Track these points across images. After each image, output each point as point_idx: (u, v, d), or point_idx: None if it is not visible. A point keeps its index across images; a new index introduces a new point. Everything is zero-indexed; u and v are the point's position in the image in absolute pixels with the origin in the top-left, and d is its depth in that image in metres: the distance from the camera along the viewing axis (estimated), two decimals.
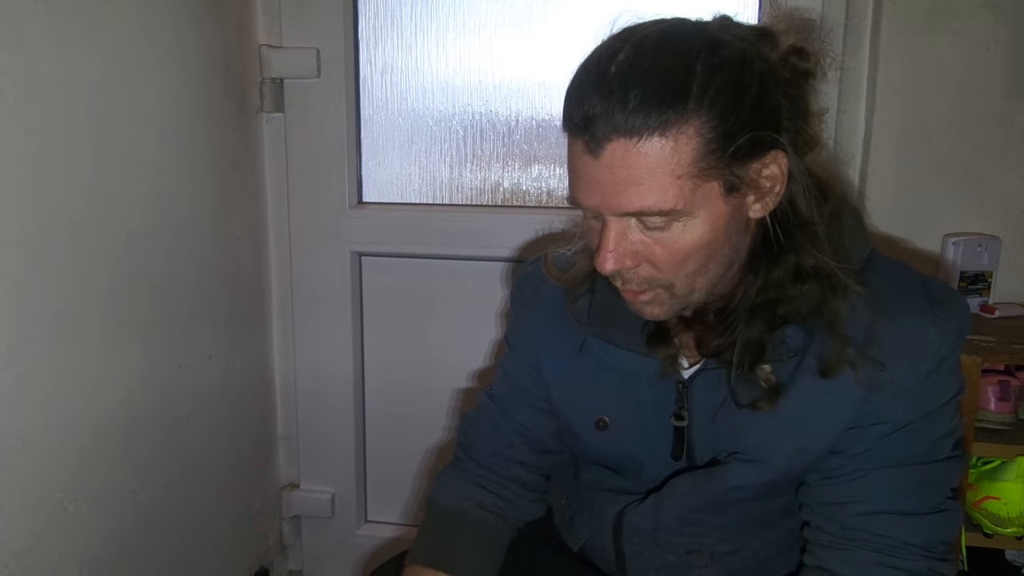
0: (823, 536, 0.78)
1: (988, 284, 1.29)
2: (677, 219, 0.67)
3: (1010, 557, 1.15)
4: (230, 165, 1.42)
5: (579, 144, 0.67)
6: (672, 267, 0.70)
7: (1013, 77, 1.26)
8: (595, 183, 0.67)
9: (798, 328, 0.75)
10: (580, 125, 0.66)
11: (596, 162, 0.66)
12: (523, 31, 1.45)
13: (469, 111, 1.49)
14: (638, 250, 0.70)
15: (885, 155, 1.32)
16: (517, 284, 0.96)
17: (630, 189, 0.66)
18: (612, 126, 0.64)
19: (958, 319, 0.75)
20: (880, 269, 0.77)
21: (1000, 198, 1.30)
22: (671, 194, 0.65)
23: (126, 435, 1.18)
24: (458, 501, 0.94)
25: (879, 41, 1.29)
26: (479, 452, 0.97)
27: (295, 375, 1.62)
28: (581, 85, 0.67)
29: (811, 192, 0.72)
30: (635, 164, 0.65)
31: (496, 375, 1.00)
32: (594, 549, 0.95)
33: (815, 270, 0.72)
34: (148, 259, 1.20)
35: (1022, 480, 1.05)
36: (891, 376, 0.73)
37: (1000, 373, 1.12)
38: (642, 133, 0.64)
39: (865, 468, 0.76)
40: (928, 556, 0.74)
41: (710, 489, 0.82)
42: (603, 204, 0.68)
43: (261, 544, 1.62)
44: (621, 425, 0.85)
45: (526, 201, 1.51)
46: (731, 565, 0.86)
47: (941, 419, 0.75)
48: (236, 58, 1.41)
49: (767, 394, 0.75)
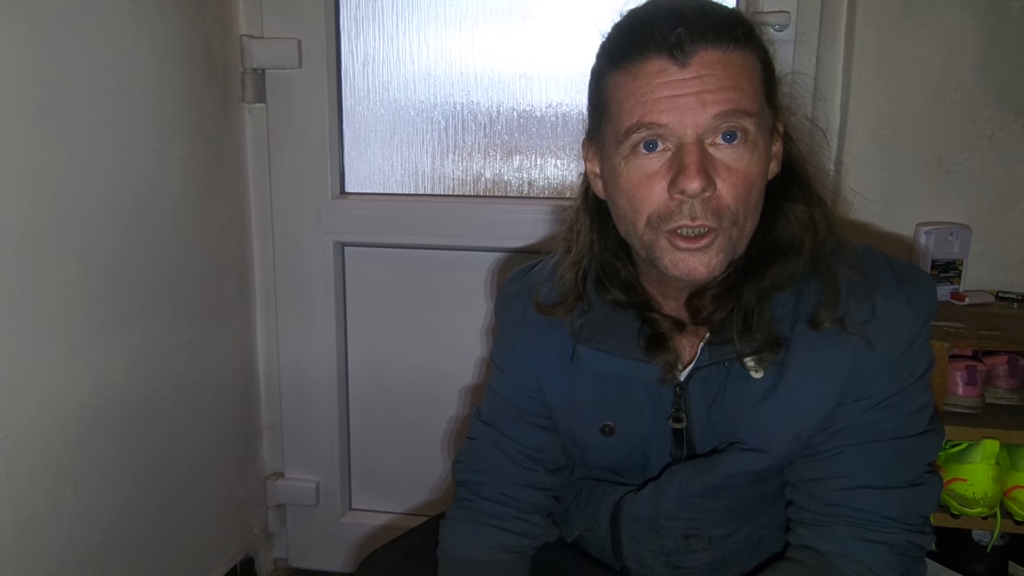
0: (805, 514, 0.80)
1: (959, 272, 1.32)
2: (752, 133, 0.70)
3: (977, 537, 1.18)
4: (212, 156, 1.42)
5: (655, 62, 0.70)
6: (742, 194, 0.71)
7: (984, 69, 1.29)
8: (680, 95, 0.69)
9: (787, 315, 0.76)
10: (661, 40, 0.69)
11: (683, 71, 0.69)
12: (504, 23, 1.46)
13: (451, 102, 1.50)
14: (713, 175, 0.70)
15: (860, 145, 1.34)
16: (501, 306, 0.95)
17: (721, 92, 0.69)
18: (700, 35, 0.69)
19: (927, 297, 0.78)
20: (850, 253, 0.79)
21: (971, 188, 1.33)
22: (754, 100, 0.71)
23: (109, 424, 1.18)
24: (480, 552, 0.90)
25: (854, 33, 1.31)
26: (491, 489, 0.93)
27: (279, 365, 1.63)
28: (643, 17, 0.72)
29: (803, 156, 0.79)
30: (724, 71, 0.69)
31: (487, 399, 0.98)
32: (590, 538, 0.96)
33: (809, 220, 0.76)
34: (130, 249, 1.20)
35: (988, 462, 1.08)
36: (875, 334, 0.75)
37: (968, 358, 1.15)
38: (729, 43, 0.69)
39: (845, 444, 0.78)
40: (906, 528, 0.76)
41: (710, 476, 0.83)
42: (687, 115, 0.69)
43: (246, 533, 1.63)
44: (626, 429, 0.86)
45: (508, 191, 1.52)
46: (727, 548, 0.88)
47: (915, 394, 0.78)
48: (217, 49, 1.41)
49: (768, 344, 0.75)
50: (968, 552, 1.20)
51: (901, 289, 0.76)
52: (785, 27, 1.31)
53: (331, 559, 1.69)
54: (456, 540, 0.92)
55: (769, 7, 1.32)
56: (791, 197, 0.78)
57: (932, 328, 1.08)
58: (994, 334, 1.10)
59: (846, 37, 1.33)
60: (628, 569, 0.93)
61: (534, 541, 0.93)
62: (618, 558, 0.93)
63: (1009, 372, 1.15)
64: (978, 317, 1.19)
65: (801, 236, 0.76)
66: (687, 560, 0.88)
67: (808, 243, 0.76)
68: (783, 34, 1.32)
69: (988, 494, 1.08)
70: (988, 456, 1.08)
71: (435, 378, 1.60)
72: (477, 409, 0.99)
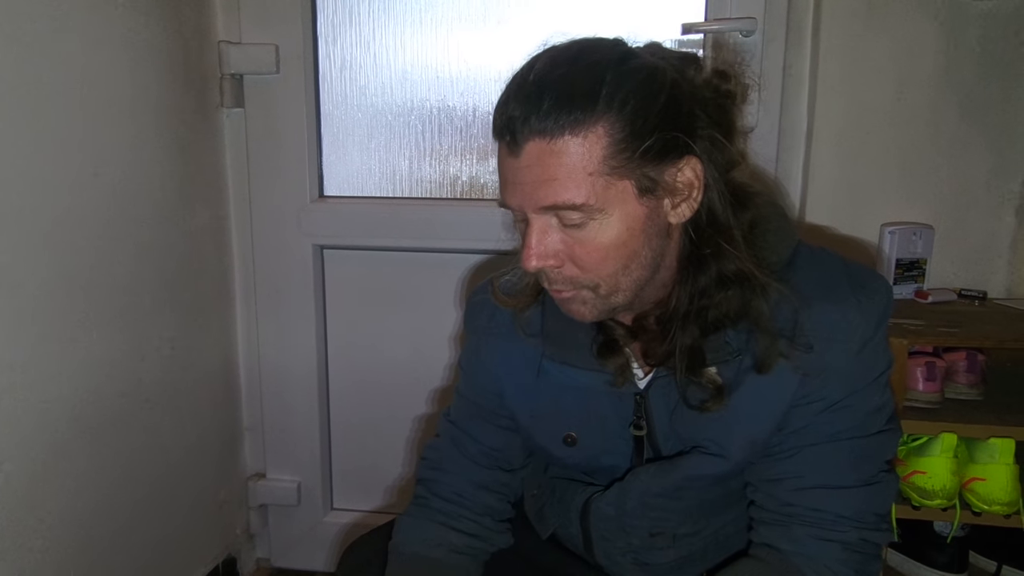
0: (764, 513, 0.82)
1: (923, 271, 1.35)
2: (592, 216, 0.71)
3: (938, 528, 1.21)
4: (191, 160, 1.43)
5: (503, 147, 0.73)
6: (592, 266, 0.74)
7: (944, 72, 1.32)
8: (517, 183, 0.72)
9: (739, 346, 0.78)
10: (503, 128, 0.71)
11: (517, 161, 0.71)
12: (479, 27, 1.48)
13: (427, 106, 1.52)
14: (560, 249, 0.74)
15: (826, 149, 1.37)
16: (469, 313, 0.98)
17: (546, 185, 0.70)
18: (528, 127, 0.69)
19: (879, 301, 0.79)
20: (805, 261, 0.81)
21: (933, 189, 1.36)
22: (584, 189, 0.70)
23: (88, 425, 1.19)
24: (427, 548, 0.92)
25: (819, 38, 1.34)
26: (446, 488, 0.96)
27: (259, 367, 1.64)
28: (505, 94, 0.73)
29: (727, 199, 0.76)
30: (550, 162, 0.70)
31: (454, 401, 1.01)
32: (563, 535, 0.99)
33: (736, 274, 0.76)
34: (109, 252, 1.22)
35: (947, 455, 1.10)
36: (821, 359, 0.77)
37: (928, 355, 1.18)
38: (555, 132, 0.69)
39: (800, 445, 0.80)
40: (859, 527, 0.78)
41: (670, 477, 0.85)
42: (524, 202, 0.73)
43: (228, 533, 1.65)
44: (588, 439, 0.89)
45: (484, 194, 1.55)
46: (692, 545, 0.90)
47: (871, 395, 0.79)
48: (195, 54, 1.42)
49: (713, 395, 0.79)
50: (930, 543, 1.23)
51: (853, 294, 0.78)
52: (752, 33, 1.34)
53: (313, 559, 1.71)
54: (406, 535, 0.94)
55: (736, 13, 1.35)
56: (710, 247, 0.76)
57: (892, 325, 1.13)
58: (953, 331, 1.13)
59: (812, 42, 1.36)
60: (600, 565, 0.95)
61: (485, 544, 0.95)
62: (590, 554, 0.95)
63: (968, 368, 1.18)
64: (939, 315, 1.23)
65: (727, 289, 0.76)
66: (654, 557, 0.91)
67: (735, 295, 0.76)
68: (750, 39, 1.35)
69: (947, 486, 1.11)
70: (947, 449, 1.11)
71: (414, 378, 1.62)
72: (446, 409, 1.02)
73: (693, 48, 1.39)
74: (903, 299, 1.32)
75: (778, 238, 0.80)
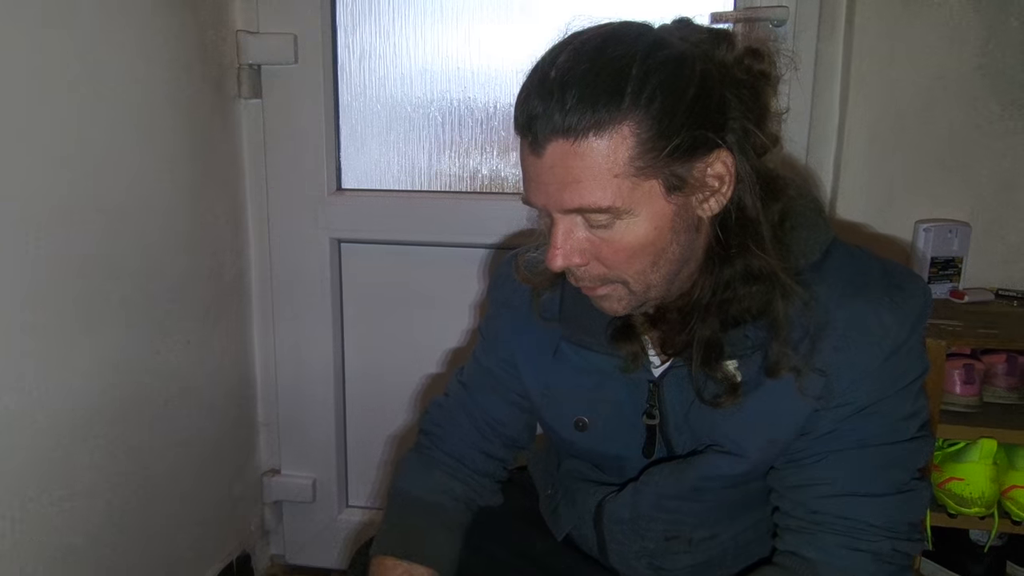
0: (791, 520, 0.79)
1: (958, 270, 1.31)
2: (619, 217, 0.69)
3: (974, 537, 1.17)
4: (208, 152, 1.42)
5: (525, 145, 0.70)
6: (620, 265, 0.72)
7: (984, 63, 1.27)
8: (540, 182, 0.70)
9: (759, 342, 0.75)
10: (524, 126, 0.69)
11: (540, 161, 0.68)
12: (501, 18, 1.45)
13: (447, 98, 1.49)
14: (586, 248, 0.72)
15: (859, 144, 1.33)
16: (493, 284, 0.97)
17: (571, 187, 0.68)
18: (551, 127, 0.66)
19: (916, 304, 0.76)
20: (840, 258, 0.78)
21: (970, 185, 1.32)
22: (609, 192, 0.67)
23: (104, 421, 1.18)
24: (431, 492, 0.94)
25: (852, 31, 1.30)
26: (449, 444, 0.97)
27: (275, 362, 1.63)
28: (526, 88, 0.69)
29: (758, 192, 0.72)
30: (574, 163, 0.67)
31: (469, 363, 1.00)
32: (578, 537, 0.96)
33: (761, 272, 0.73)
34: (126, 245, 1.20)
35: (985, 461, 1.07)
36: (849, 360, 0.74)
37: (966, 357, 1.14)
38: (578, 133, 0.66)
39: (828, 450, 0.77)
40: (891, 536, 0.75)
41: (685, 477, 0.83)
42: (548, 202, 0.70)
43: (243, 529, 1.64)
44: (599, 425, 0.87)
45: (504, 188, 1.52)
46: (710, 550, 0.88)
47: (903, 401, 0.76)
48: (213, 44, 1.40)
49: (728, 390, 0.76)
50: (966, 552, 1.19)
51: (887, 294, 0.75)
52: (784, 22, 1.30)
53: (327, 556, 1.69)
54: (410, 478, 0.97)
55: (767, 2, 1.31)
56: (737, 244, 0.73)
57: (929, 326, 1.08)
58: (992, 332, 1.09)
59: (845, 32, 1.32)
60: (615, 570, 0.93)
61: (478, 498, 0.98)
62: (604, 557, 0.93)
63: (1008, 371, 1.14)
64: (977, 315, 1.18)
65: (751, 286, 0.74)
66: (669, 562, 0.88)
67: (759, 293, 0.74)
68: (781, 29, 1.31)
69: (985, 494, 1.07)
70: (986, 455, 1.07)
71: (431, 375, 1.60)
72: (459, 369, 1.02)
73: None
74: (938, 299, 1.28)
75: (811, 234, 0.77)
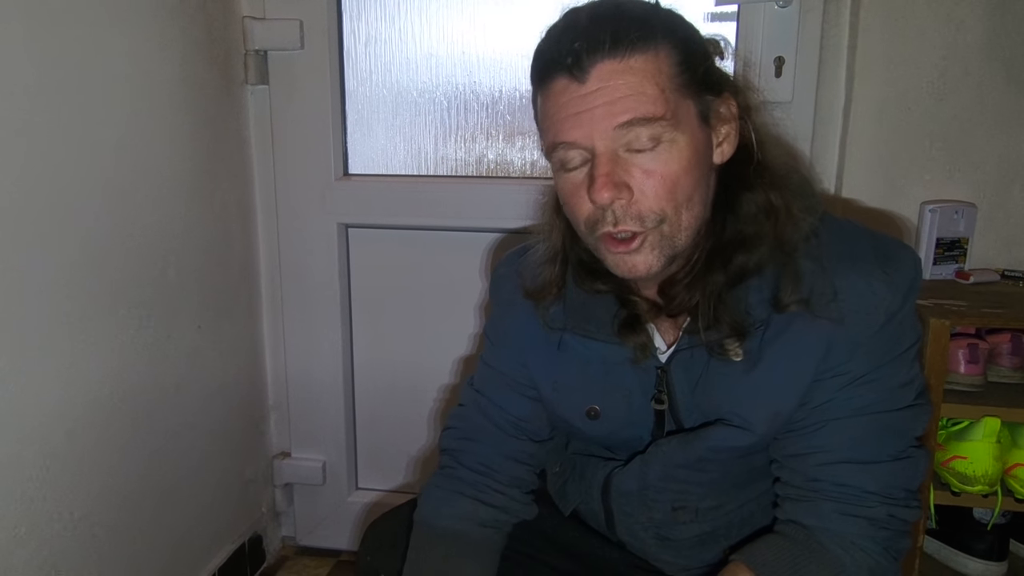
0: (790, 489, 0.81)
1: (964, 251, 1.31)
2: (666, 133, 0.71)
3: (978, 515, 1.18)
4: (216, 138, 1.43)
5: (560, 82, 0.72)
6: (664, 195, 0.73)
7: (990, 45, 1.27)
8: (584, 109, 0.71)
9: (761, 297, 0.77)
10: (561, 60, 0.71)
11: (583, 88, 0.71)
12: (507, 2, 1.45)
13: (453, 83, 1.50)
14: (628, 181, 0.73)
15: (865, 124, 1.33)
16: (494, 285, 0.98)
17: (621, 102, 0.70)
18: (597, 52, 0.70)
19: (907, 274, 0.77)
20: (830, 232, 0.79)
21: (976, 166, 1.32)
22: (660, 102, 0.71)
23: (118, 405, 1.20)
24: (456, 522, 0.91)
25: (859, 10, 1.29)
26: (473, 458, 0.95)
27: (284, 346, 1.64)
28: (552, 36, 0.74)
29: (759, 137, 0.78)
30: (623, 80, 0.70)
31: (479, 369, 1.00)
32: (585, 512, 0.98)
33: (768, 207, 0.76)
34: (135, 231, 1.21)
35: (989, 440, 1.07)
36: (845, 329, 0.76)
37: (970, 336, 1.14)
38: (624, 52, 0.70)
39: (825, 419, 0.78)
40: (887, 502, 0.76)
41: (693, 447, 0.84)
42: (594, 128, 0.71)
43: (254, 512, 1.66)
44: (611, 412, 0.88)
45: (510, 172, 1.52)
46: (716, 520, 0.89)
47: (898, 369, 0.78)
48: (219, 30, 1.41)
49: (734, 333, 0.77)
50: (969, 530, 1.19)
51: (879, 266, 0.76)
52: (789, 3, 1.30)
53: (338, 537, 1.72)
54: (433, 507, 0.93)
55: None
56: (747, 183, 0.78)
57: (934, 306, 1.09)
58: (997, 312, 1.09)
59: (851, 13, 1.32)
60: (622, 542, 0.94)
61: (511, 517, 0.94)
62: (612, 531, 0.95)
63: (1012, 350, 1.15)
64: (982, 295, 1.19)
65: (762, 224, 0.77)
66: (676, 532, 0.90)
67: (768, 230, 0.76)
68: (787, 11, 1.31)
69: (989, 472, 1.08)
70: (989, 434, 1.08)
71: (440, 357, 1.61)
72: (470, 378, 1.01)
73: (727, 19, 1.36)
74: (943, 279, 1.28)
75: (805, 201, 0.79)
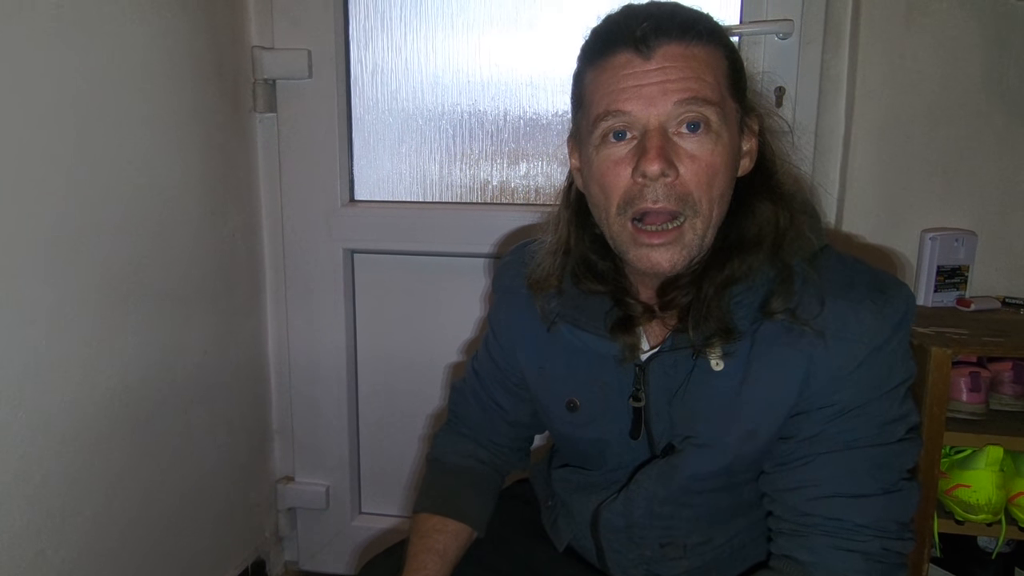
0: (783, 524, 0.80)
1: (965, 278, 1.32)
2: (715, 122, 0.74)
3: (982, 543, 1.18)
4: (224, 164, 1.45)
5: (623, 55, 0.74)
6: (704, 182, 0.75)
7: (987, 75, 1.29)
8: (643, 84, 0.74)
9: (751, 302, 0.78)
10: (627, 36, 0.74)
11: (647, 64, 0.74)
12: (511, 30, 1.47)
13: (458, 110, 1.52)
14: (675, 160, 0.74)
15: (865, 153, 1.35)
16: (498, 272, 1.01)
17: (682, 81, 0.73)
18: (664, 32, 0.73)
19: (898, 308, 0.77)
20: (831, 260, 0.81)
21: (977, 194, 1.33)
22: (718, 91, 0.74)
23: (123, 427, 1.20)
24: (459, 458, 1.02)
25: (858, 41, 1.31)
26: (468, 421, 1.06)
27: (289, 371, 1.65)
28: (614, 18, 0.78)
29: (777, 160, 0.81)
30: (687, 63, 0.73)
31: (480, 350, 1.06)
32: (578, 547, 0.98)
33: (775, 219, 0.79)
34: (143, 256, 1.23)
35: (992, 468, 1.07)
36: (828, 355, 0.76)
37: (972, 364, 1.15)
38: (692, 38, 0.74)
39: (815, 452, 0.78)
40: (880, 536, 0.76)
41: (673, 480, 0.84)
42: (653, 101, 0.74)
43: (257, 536, 1.66)
44: (589, 407, 0.89)
45: (514, 198, 1.54)
46: (705, 555, 0.89)
47: (888, 405, 0.77)
48: (229, 59, 1.43)
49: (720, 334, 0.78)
50: (974, 559, 1.19)
51: (870, 296, 0.77)
52: (789, 35, 1.32)
53: (341, 562, 1.71)
54: (442, 448, 1.05)
55: (773, 15, 1.33)
56: (759, 194, 0.80)
57: (935, 334, 1.10)
58: (998, 340, 1.09)
59: (850, 45, 1.34)
60: None
61: (505, 463, 1.05)
62: (604, 566, 0.95)
63: (1014, 378, 1.15)
64: (983, 323, 1.19)
65: (766, 233, 0.79)
66: (667, 569, 0.90)
67: (770, 238, 0.78)
68: (787, 42, 1.33)
69: (992, 500, 1.08)
70: (992, 462, 1.08)
71: (444, 383, 1.62)
72: (475, 354, 1.06)
73: None
74: (944, 307, 1.29)
75: (809, 226, 0.81)
